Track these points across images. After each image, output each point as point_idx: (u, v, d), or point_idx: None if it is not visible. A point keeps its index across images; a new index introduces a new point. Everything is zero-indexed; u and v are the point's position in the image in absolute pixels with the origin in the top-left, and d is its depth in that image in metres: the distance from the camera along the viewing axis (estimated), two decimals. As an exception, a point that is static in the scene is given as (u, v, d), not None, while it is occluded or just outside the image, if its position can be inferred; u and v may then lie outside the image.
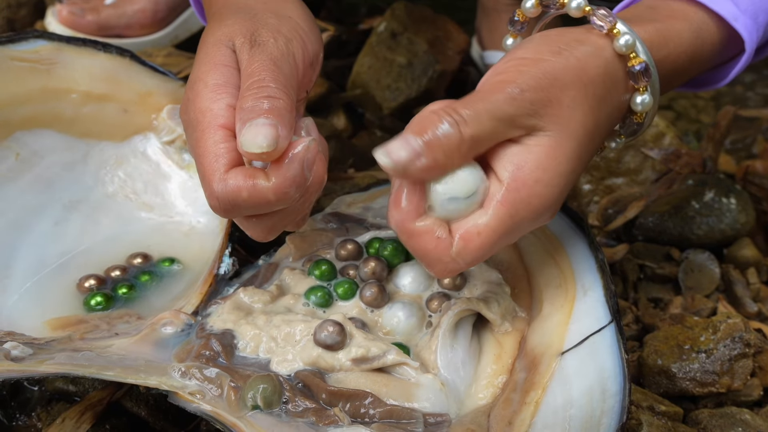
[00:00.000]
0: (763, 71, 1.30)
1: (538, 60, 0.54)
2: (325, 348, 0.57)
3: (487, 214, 0.53)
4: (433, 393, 0.57)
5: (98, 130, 0.72)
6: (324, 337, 0.57)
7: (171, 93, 0.73)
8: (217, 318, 0.61)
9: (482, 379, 0.59)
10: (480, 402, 0.58)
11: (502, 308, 0.61)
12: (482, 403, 0.58)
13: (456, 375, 0.59)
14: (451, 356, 0.59)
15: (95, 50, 0.71)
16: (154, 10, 1.07)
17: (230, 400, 0.55)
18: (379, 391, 0.56)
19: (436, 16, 1.10)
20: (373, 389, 0.57)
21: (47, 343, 0.59)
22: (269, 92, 0.55)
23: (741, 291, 0.79)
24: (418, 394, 0.57)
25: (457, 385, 0.58)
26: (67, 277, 0.68)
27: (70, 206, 0.71)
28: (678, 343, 0.67)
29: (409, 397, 0.56)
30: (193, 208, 0.73)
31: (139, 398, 0.63)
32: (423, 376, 0.57)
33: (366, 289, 0.62)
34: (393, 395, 0.57)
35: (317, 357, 0.57)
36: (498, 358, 0.60)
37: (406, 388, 0.57)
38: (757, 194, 0.93)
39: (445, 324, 0.59)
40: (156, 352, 0.59)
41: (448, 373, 0.58)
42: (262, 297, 0.62)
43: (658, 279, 0.80)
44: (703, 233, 0.83)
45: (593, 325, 0.58)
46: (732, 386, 0.65)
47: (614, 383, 0.55)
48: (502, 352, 0.60)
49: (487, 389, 0.59)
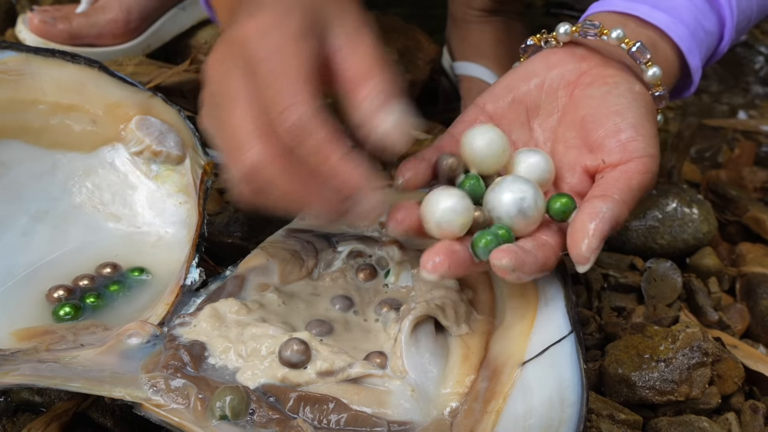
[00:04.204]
0: (729, 81, 1.32)
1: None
2: (290, 366, 0.58)
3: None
4: (403, 398, 0.57)
5: (66, 141, 0.73)
6: (289, 355, 0.58)
7: (140, 104, 0.73)
8: (191, 329, 0.61)
9: (450, 379, 0.60)
10: (449, 402, 0.59)
11: (459, 314, 0.62)
12: (452, 404, 0.59)
13: (424, 376, 0.59)
14: (417, 359, 0.60)
15: (64, 61, 0.71)
16: (126, 20, 1.07)
17: (197, 410, 0.55)
18: (351, 400, 0.57)
19: (406, 26, 1.11)
20: (346, 398, 0.57)
21: (12, 354, 0.59)
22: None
23: (702, 300, 0.81)
24: (390, 401, 0.57)
25: (427, 387, 0.59)
26: (35, 287, 0.68)
27: (38, 217, 0.71)
28: (638, 352, 0.68)
29: (381, 404, 0.57)
30: (161, 219, 0.73)
31: (104, 409, 0.63)
32: (392, 383, 0.58)
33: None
34: (365, 404, 0.57)
35: (282, 376, 0.58)
36: (465, 358, 0.61)
37: (378, 396, 0.58)
38: (720, 204, 0.94)
39: (405, 329, 0.60)
40: (121, 362, 0.60)
41: (416, 375, 0.59)
42: (240, 308, 0.63)
43: (622, 288, 0.82)
44: (666, 243, 0.84)
45: (554, 335, 0.59)
46: (690, 394, 0.66)
47: (573, 393, 0.56)
48: (469, 353, 0.61)
49: (456, 388, 0.59)
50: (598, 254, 0.55)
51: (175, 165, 0.74)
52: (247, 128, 0.52)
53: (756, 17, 0.73)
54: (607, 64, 0.64)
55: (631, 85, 0.63)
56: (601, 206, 0.56)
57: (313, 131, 0.51)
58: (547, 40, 0.66)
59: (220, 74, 0.55)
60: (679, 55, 0.66)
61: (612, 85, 0.62)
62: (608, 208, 0.55)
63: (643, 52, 0.63)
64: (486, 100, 0.65)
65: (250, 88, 0.53)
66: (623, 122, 0.60)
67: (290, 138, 0.51)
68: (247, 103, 0.52)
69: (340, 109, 0.55)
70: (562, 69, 0.64)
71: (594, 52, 0.65)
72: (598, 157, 0.60)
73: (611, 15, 0.66)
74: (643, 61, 0.63)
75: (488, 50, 1.07)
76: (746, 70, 1.36)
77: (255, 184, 0.53)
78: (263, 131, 0.52)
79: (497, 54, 1.07)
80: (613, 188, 0.57)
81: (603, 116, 0.61)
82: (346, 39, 0.55)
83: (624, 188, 0.57)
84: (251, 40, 0.53)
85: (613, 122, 0.60)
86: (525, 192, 0.58)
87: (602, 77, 0.63)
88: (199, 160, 0.74)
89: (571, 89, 0.64)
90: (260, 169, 0.52)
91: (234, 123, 0.53)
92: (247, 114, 0.52)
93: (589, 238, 0.54)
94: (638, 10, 0.66)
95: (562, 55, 0.65)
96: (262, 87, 0.52)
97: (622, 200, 0.57)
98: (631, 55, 0.63)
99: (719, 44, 0.70)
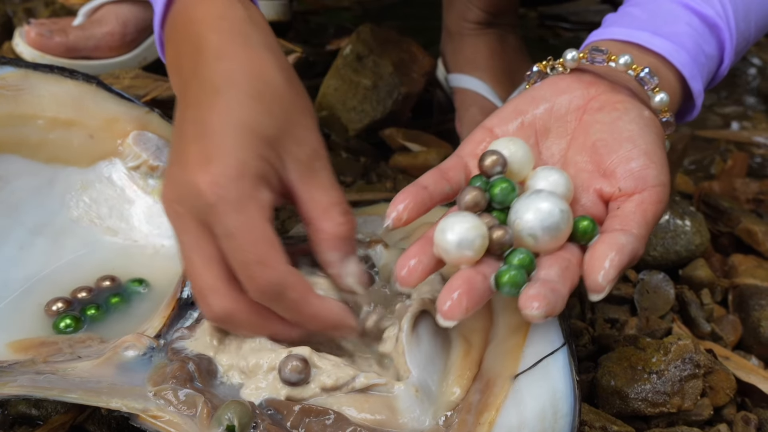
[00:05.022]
0: (722, 93, 1.33)
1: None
2: (290, 385, 0.58)
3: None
4: (410, 401, 0.58)
5: (64, 156, 0.73)
6: (288, 375, 0.58)
7: (137, 119, 0.74)
8: (195, 342, 0.62)
9: (452, 374, 0.61)
10: (452, 397, 0.59)
11: None
12: (453, 398, 0.59)
13: (427, 374, 0.60)
14: (419, 356, 0.60)
15: (62, 77, 0.72)
16: (123, 33, 1.08)
17: (203, 417, 0.56)
18: (361, 409, 0.58)
19: (401, 38, 1.12)
20: (356, 407, 0.58)
21: (10, 366, 0.60)
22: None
23: (695, 311, 0.81)
24: (398, 406, 0.58)
25: (429, 384, 0.60)
26: (33, 300, 0.69)
27: (35, 230, 0.72)
28: (631, 364, 0.69)
29: (391, 411, 0.58)
30: (158, 232, 0.74)
31: (101, 421, 0.63)
32: (396, 387, 0.58)
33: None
34: (376, 411, 0.58)
35: (287, 395, 0.58)
36: (466, 353, 0.62)
37: (387, 403, 0.58)
38: (712, 215, 0.95)
39: (406, 327, 0.61)
40: (118, 374, 0.60)
41: (419, 373, 0.59)
42: None
43: (615, 300, 0.82)
44: (658, 255, 0.85)
45: (547, 347, 0.60)
46: (683, 406, 0.67)
47: (565, 404, 0.56)
48: (470, 348, 0.62)
49: (458, 383, 0.60)
50: (613, 286, 0.54)
51: (172, 179, 0.74)
52: (210, 276, 0.57)
53: (754, 38, 0.73)
54: (616, 90, 0.64)
55: (640, 111, 0.63)
56: (622, 239, 0.55)
57: (286, 294, 0.56)
58: (553, 67, 0.66)
59: (175, 216, 0.58)
60: (681, 81, 0.66)
61: (622, 110, 0.62)
62: (629, 242, 0.55)
63: (651, 78, 0.63)
64: (494, 123, 0.64)
65: (208, 239, 0.57)
66: (635, 149, 0.60)
67: (262, 297, 0.57)
68: (207, 253, 0.57)
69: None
70: (571, 95, 0.64)
71: (602, 79, 0.65)
72: (611, 184, 0.60)
73: (612, 43, 0.67)
74: (651, 87, 0.63)
75: (483, 63, 1.08)
76: (739, 82, 1.37)
77: (224, 324, 0.60)
78: (227, 282, 0.57)
79: (492, 66, 1.08)
80: (631, 222, 0.57)
81: (615, 142, 0.60)
82: (300, 175, 0.59)
83: (641, 222, 0.57)
84: (206, 193, 0.55)
85: (626, 149, 0.60)
86: (557, 205, 0.56)
87: (611, 103, 0.63)
88: (196, 174, 0.74)
89: (580, 114, 0.63)
90: (228, 317, 0.58)
91: (196, 270, 0.57)
92: (209, 263, 0.57)
93: (606, 269, 0.53)
94: (639, 38, 0.66)
95: (569, 80, 0.65)
96: (224, 241, 0.56)
97: (641, 235, 0.56)
98: (639, 80, 0.63)
99: (719, 67, 0.71)
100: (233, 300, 0.57)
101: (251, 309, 0.58)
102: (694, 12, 0.67)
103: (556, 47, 1.44)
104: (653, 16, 0.68)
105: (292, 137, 0.59)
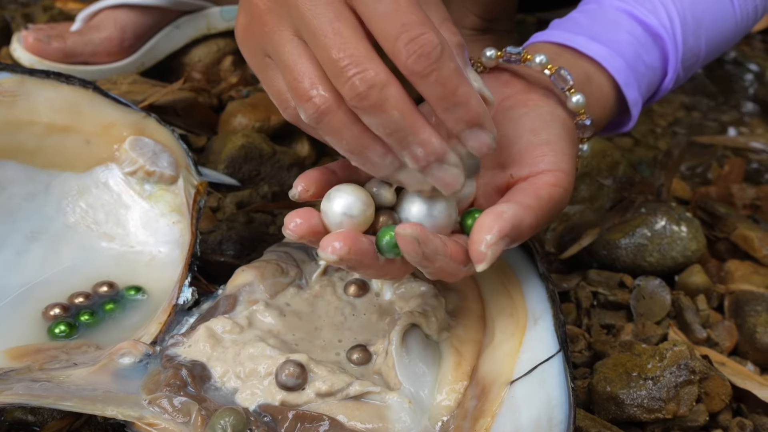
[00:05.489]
0: (719, 99, 1.33)
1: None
2: (287, 390, 0.58)
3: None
4: (402, 412, 0.58)
5: (60, 161, 0.73)
6: (285, 379, 0.58)
7: (133, 124, 0.74)
8: (187, 349, 0.62)
9: (444, 386, 0.61)
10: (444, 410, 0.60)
11: (439, 319, 0.63)
12: (444, 418, 0.59)
13: (419, 386, 0.60)
14: (409, 369, 0.60)
15: (58, 82, 0.72)
16: (121, 38, 1.08)
17: (197, 426, 0.56)
18: (352, 416, 0.58)
19: (399, 44, 1.11)
20: (347, 414, 0.58)
21: (6, 373, 0.60)
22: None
23: (691, 317, 0.81)
24: (389, 416, 0.58)
25: (422, 396, 0.60)
26: (29, 306, 0.69)
27: (32, 236, 0.72)
28: (626, 370, 0.69)
29: (381, 419, 0.58)
30: (155, 238, 0.74)
31: (97, 428, 0.63)
32: (389, 397, 0.59)
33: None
34: (366, 420, 0.58)
35: (281, 400, 0.58)
36: (458, 365, 0.62)
37: (378, 412, 0.58)
38: (708, 221, 0.95)
39: (395, 340, 0.61)
40: (114, 381, 0.60)
41: (410, 385, 0.60)
42: (234, 327, 0.63)
43: (611, 306, 0.82)
44: (654, 260, 0.85)
45: (543, 354, 0.60)
46: (678, 412, 0.67)
47: (560, 411, 0.56)
48: (461, 360, 0.62)
49: (450, 395, 0.60)
50: (498, 255, 0.52)
51: (169, 185, 0.74)
52: (361, 46, 0.49)
53: (705, 56, 0.72)
54: (531, 89, 0.63)
55: (553, 108, 0.62)
56: (503, 208, 0.54)
57: (447, 59, 0.49)
58: (473, 65, 0.65)
59: (267, 14, 0.53)
60: (615, 88, 0.66)
61: (531, 107, 0.61)
62: (510, 209, 0.53)
63: (566, 79, 0.62)
64: None
65: (350, 11, 0.50)
66: (536, 139, 0.59)
67: (418, 61, 0.49)
68: (352, 23, 0.50)
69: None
70: None
71: (519, 78, 0.64)
72: (506, 174, 0.59)
73: (549, 45, 0.67)
74: (566, 87, 0.62)
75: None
76: (736, 87, 1.38)
77: (366, 101, 0.50)
78: (331, 82, 0.50)
79: (488, 72, 1.08)
80: (518, 195, 0.56)
81: (516, 135, 0.59)
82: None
83: (531, 195, 0.55)
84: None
85: (526, 139, 0.59)
86: (438, 201, 0.56)
87: (523, 101, 0.62)
88: (192, 180, 0.74)
89: (491, 113, 0.62)
90: (383, 86, 0.49)
91: (343, 38, 0.50)
92: (356, 32, 0.50)
93: (488, 238, 0.52)
94: (575, 42, 0.66)
95: (486, 79, 0.64)
96: (378, 4, 0.49)
97: (527, 205, 0.55)
98: (553, 80, 0.62)
99: (663, 80, 0.70)
100: (388, 71, 0.50)
101: (402, 87, 0.50)
102: (638, 21, 0.67)
103: (553, 52, 1.44)
104: (595, 22, 0.68)
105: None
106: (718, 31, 0.71)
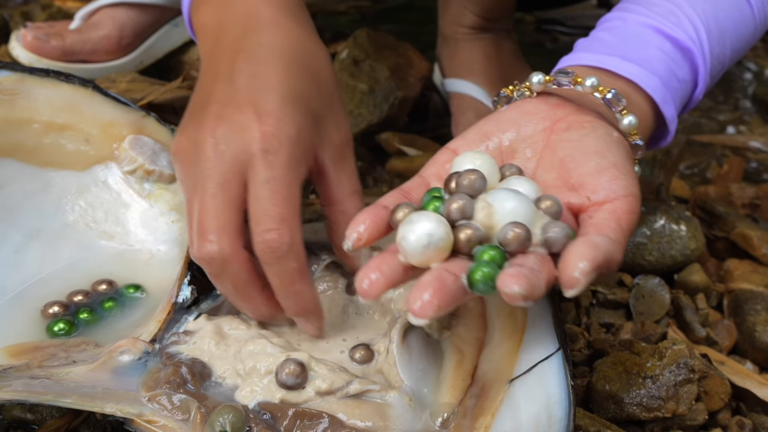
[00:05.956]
0: (718, 98, 1.33)
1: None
2: (287, 389, 0.58)
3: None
4: (403, 409, 0.58)
5: (60, 160, 0.73)
6: (285, 378, 0.58)
7: (133, 123, 0.74)
8: (191, 347, 0.62)
9: (445, 384, 0.61)
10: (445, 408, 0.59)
11: (440, 319, 0.63)
12: (445, 414, 0.59)
13: (420, 383, 0.60)
14: (411, 367, 0.60)
15: (58, 81, 0.72)
16: (119, 36, 1.08)
17: (196, 423, 0.56)
18: (352, 414, 0.58)
19: (397, 43, 1.12)
20: (346, 413, 0.58)
21: (5, 371, 0.60)
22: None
23: (690, 316, 0.81)
24: (390, 414, 0.58)
25: (423, 394, 0.60)
26: (28, 305, 0.69)
27: (31, 235, 0.72)
28: (626, 369, 0.69)
29: (381, 418, 0.58)
30: (154, 237, 0.74)
31: (96, 425, 0.63)
32: (390, 395, 0.59)
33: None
34: (367, 418, 0.58)
35: (281, 398, 0.58)
36: (459, 363, 0.62)
37: (378, 409, 0.58)
38: (707, 220, 0.95)
39: (396, 338, 0.61)
40: (114, 379, 0.60)
41: (412, 383, 0.60)
42: (241, 325, 0.63)
43: (610, 305, 0.82)
44: (654, 259, 0.85)
45: (542, 352, 0.60)
46: (677, 411, 0.67)
47: (560, 409, 0.56)
48: (463, 358, 0.62)
49: (452, 392, 0.60)
50: (588, 284, 0.52)
51: (168, 184, 0.75)
52: (225, 217, 0.58)
53: (730, 62, 0.72)
54: (583, 111, 0.63)
55: (608, 129, 0.62)
56: (597, 239, 0.53)
57: (289, 259, 0.58)
58: (520, 91, 0.65)
59: (214, 150, 0.59)
60: (653, 106, 0.66)
61: (589, 129, 0.61)
62: (604, 242, 0.53)
63: (618, 100, 0.62)
64: (458, 144, 0.63)
65: (238, 183, 0.59)
66: (604, 161, 0.59)
67: (265, 251, 0.58)
68: (232, 194, 0.59)
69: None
70: (537, 117, 0.63)
71: (568, 101, 0.64)
72: (581, 195, 0.58)
73: (582, 68, 0.66)
74: (618, 109, 0.62)
75: (478, 67, 1.08)
76: (735, 86, 1.38)
77: (209, 267, 0.60)
78: (237, 229, 0.59)
79: (487, 71, 1.08)
80: (606, 228, 0.56)
81: (583, 156, 0.60)
82: (332, 159, 0.63)
83: (616, 228, 0.56)
84: (262, 140, 0.58)
85: (594, 162, 0.59)
86: (526, 200, 0.54)
87: (579, 122, 0.62)
88: (192, 178, 0.74)
89: (547, 135, 0.62)
90: (221, 261, 0.58)
91: (215, 206, 0.58)
92: (230, 205, 0.58)
93: (582, 265, 0.51)
94: (608, 63, 0.65)
95: (536, 103, 0.64)
96: (258, 187, 0.58)
97: (617, 240, 0.55)
98: (606, 102, 0.62)
99: (694, 91, 0.70)
100: (235, 248, 0.58)
101: (245, 265, 0.59)
102: (666, 36, 0.67)
103: (552, 52, 1.44)
104: (623, 41, 0.67)
105: (333, 121, 0.63)
106: (739, 37, 0.71)
